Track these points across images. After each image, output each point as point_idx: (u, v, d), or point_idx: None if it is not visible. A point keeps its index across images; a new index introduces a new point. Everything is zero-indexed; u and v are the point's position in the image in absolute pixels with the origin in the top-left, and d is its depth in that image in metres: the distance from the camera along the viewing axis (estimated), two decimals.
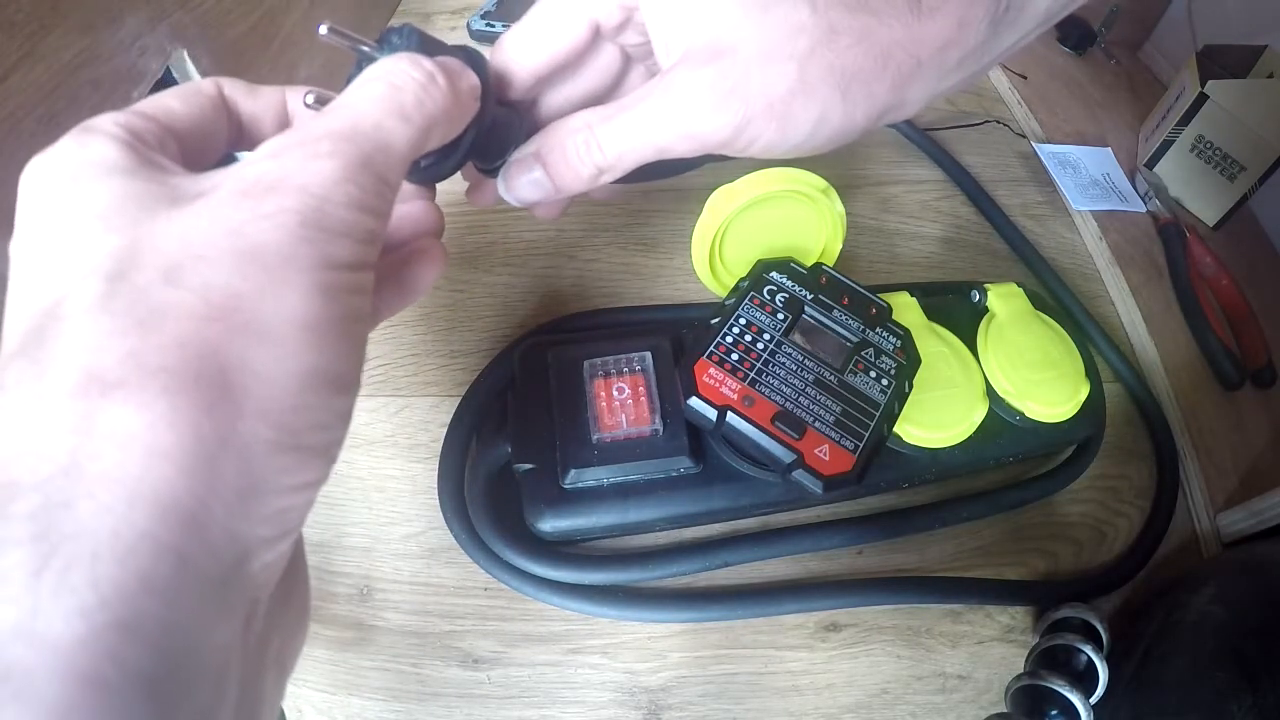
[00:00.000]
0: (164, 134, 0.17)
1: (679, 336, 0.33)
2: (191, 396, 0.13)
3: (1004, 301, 0.35)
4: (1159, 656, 0.28)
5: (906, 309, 0.34)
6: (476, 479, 0.31)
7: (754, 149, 0.23)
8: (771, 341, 0.30)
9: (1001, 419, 0.32)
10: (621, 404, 0.30)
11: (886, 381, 0.30)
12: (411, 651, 0.30)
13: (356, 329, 0.16)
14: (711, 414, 0.27)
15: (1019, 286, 0.36)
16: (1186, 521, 0.35)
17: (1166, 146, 0.49)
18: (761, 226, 0.34)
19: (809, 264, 0.33)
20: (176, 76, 0.32)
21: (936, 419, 0.31)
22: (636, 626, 0.30)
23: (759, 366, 0.29)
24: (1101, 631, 0.29)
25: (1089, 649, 0.28)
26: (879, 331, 0.31)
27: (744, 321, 0.30)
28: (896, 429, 0.30)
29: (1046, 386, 0.32)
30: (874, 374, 0.30)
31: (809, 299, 0.32)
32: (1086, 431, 0.34)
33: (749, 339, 0.29)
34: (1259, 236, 0.49)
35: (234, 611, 0.14)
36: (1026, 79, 0.55)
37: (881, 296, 0.33)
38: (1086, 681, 0.28)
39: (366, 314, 0.16)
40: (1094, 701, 0.28)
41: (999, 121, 0.52)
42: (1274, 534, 0.32)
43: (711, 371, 0.28)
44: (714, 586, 0.31)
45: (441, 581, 0.31)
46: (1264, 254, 0.49)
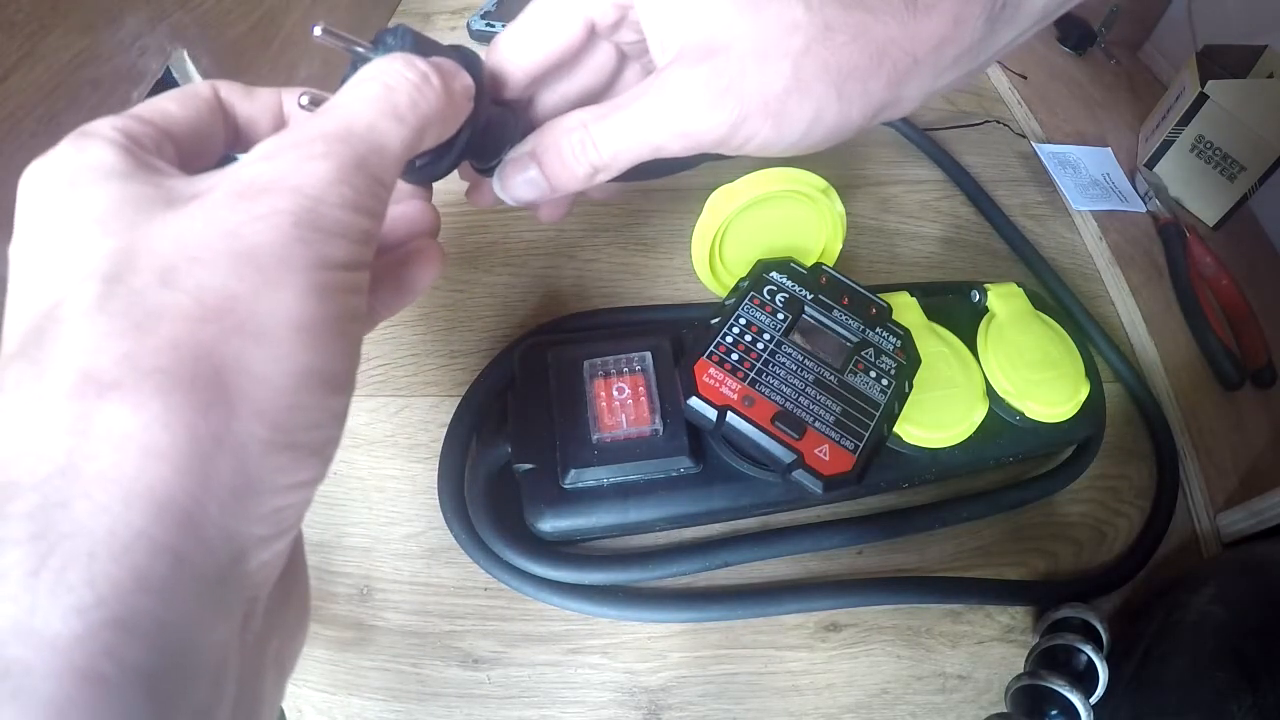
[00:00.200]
0: (161, 137, 0.17)
1: (679, 336, 0.33)
2: (186, 397, 0.13)
3: (1004, 301, 0.35)
4: (1159, 656, 0.28)
5: (906, 309, 0.34)
6: (476, 479, 0.31)
7: (749, 147, 0.23)
8: (771, 341, 0.30)
9: (1001, 419, 0.33)
10: (621, 404, 0.30)
11: (886, 381, 0.30)
12: (411, 651, 0.30)
13: (351, 328, 0.16)
14: (711, 414, 0.27)
15: (1019, 286, 0.36)
16: (1186, 521, 0.35)
17: (1166, 146, 0.49)
18: (761, 226, 0.34)
19: (809, 264, 0.33)
20: (176, 76, 0.32)
21: (936, 419, 0.31)
22: (636, 626, 0.30)
23: (759, 366, 0.29)
24: (1101, 631, 0.29)
25: (1089, 649, 0.28)
26: (879, 331, 0.31)
27: (744, 321, 0.30)
28: (896, 429, 0.30)
29: (1046, 386, 0.32)
30: (874, 374, 0.30)
31: (809, 299, 0.32)
32: (1086, 431, 0.34)
33: (749, 339, 0.29)
34: (1259, 236, 0.49)
35: (231, 610, 0.14)
36: (1026, 79, 0.55)
37: (881, 296, 0.33)
38: (1086, 681, 0.28)
39: (362, 313, 0.16)
40: (1094, 701, 0.28)
41: (999, 121, 0.52)
42: (1274, 534, 0.32)
43: (711, 371, 0.28)
44: (714, 586, 0.31)
45: (441, 581, 0.31)
46: (1264, 254, 0.49)
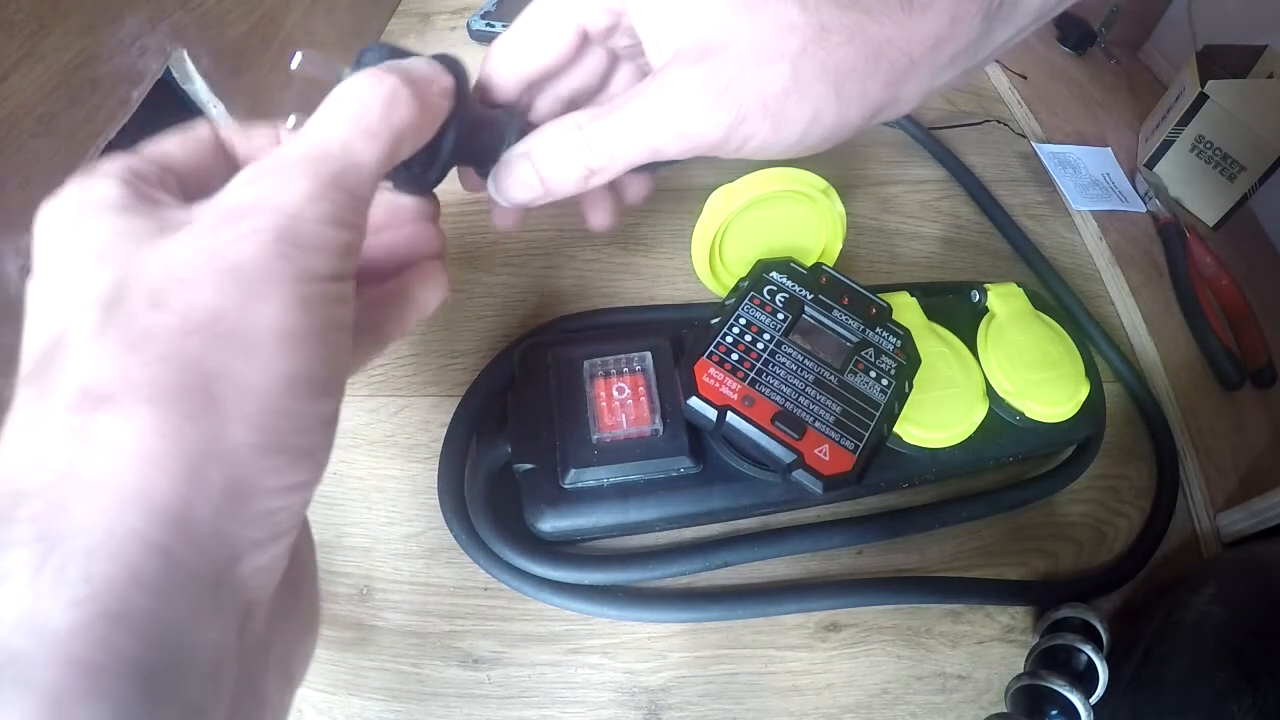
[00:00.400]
0: (163, 172, 0.19)
1: (679, 336, 0.33)
2: (176, 405, 0.14)
3: (1004, 301, 0.35)
4: (1159, 656, 0.28)
5: (906, 309, 0.34)
6: (476, 479, 0.31)
7: (747, 149, 0.23)
8: (771, 341, 0.30)
9: (1001, 419, 0.32)
10: (621, 404, 0.30)
11: (886, 381, 0.30)
12: (411, 651, 0.30)
13: (336, 337, 0.17)
14: (711, 414, 0.27)
15: (1019, 286, 0.36)
16: (1186, 521, 0.35)
17: (1166, 146, 0.49)
18: (761, 226, 0.34)
19: (809, 264, 0.33)
20: (176, 76, 0.32)
21: (936, 419, 0.31)
22: (636, 626, 0.30)
23: (759, 366, 0.29)
24: (1101, 631, 0.29)
25: (1089, 649, 0.28)
26: (879, 331, 0.31)
27: (744, 321, 0.30)
28: (896, 429, 0.30)
29: (1046, 386, 0.32)
30: (874, 374, 0.30)
31: (809, 299, 0.32)
32: (1086, 431, 0.34)
33: (749, 339, 0.29)
34: (1259, 236, 0.49)
35: (226, 611, 0.15)
36: (1026, 79, 0.55)
37: (881, 296, 0.33)
38: (1086, 681, 0.28)
39: (348, 322, 0.17)
40: (1094, 701, 0.28)
41: (999, 121, 0.52)
42: (1274, 534, 0.32)
43: (711, 371, 0.28)
44: (714, 586, 0.31)
45: (441, 581, 0.31)
46: (1264, 254, 0.49)
